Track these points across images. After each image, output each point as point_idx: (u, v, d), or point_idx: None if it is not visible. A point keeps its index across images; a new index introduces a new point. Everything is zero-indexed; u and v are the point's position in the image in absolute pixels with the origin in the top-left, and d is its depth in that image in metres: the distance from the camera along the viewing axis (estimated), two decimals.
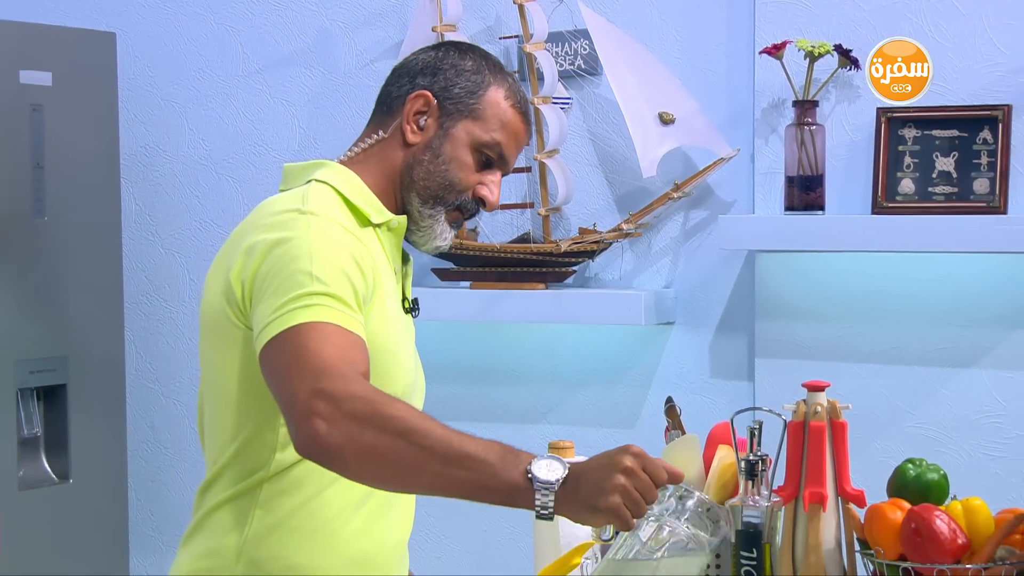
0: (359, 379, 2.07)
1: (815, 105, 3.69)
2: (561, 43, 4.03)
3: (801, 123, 3.68)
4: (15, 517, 4.08)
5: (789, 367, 3.75)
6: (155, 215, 4.57)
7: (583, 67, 4.04)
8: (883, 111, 3.67)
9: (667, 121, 3.87)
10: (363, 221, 2.33)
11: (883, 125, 3.67)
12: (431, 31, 4.01)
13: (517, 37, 4.04)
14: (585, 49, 4.02)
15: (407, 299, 2.43)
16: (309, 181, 2.35)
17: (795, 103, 3.70)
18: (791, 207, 3.71)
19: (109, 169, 4.37)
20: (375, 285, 2.26)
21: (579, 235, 3.99)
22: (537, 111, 3.90)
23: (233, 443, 2.29)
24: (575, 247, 3.95)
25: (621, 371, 4.02)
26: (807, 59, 3.66)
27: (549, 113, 3.90)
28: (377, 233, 2.35)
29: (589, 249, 3.96)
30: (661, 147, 3.86)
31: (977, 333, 3.64)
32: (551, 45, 4.00)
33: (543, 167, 3.97)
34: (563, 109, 3.98)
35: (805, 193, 3.69)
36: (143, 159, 4.57)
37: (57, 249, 4.19)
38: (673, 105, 3.88)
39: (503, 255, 4.00)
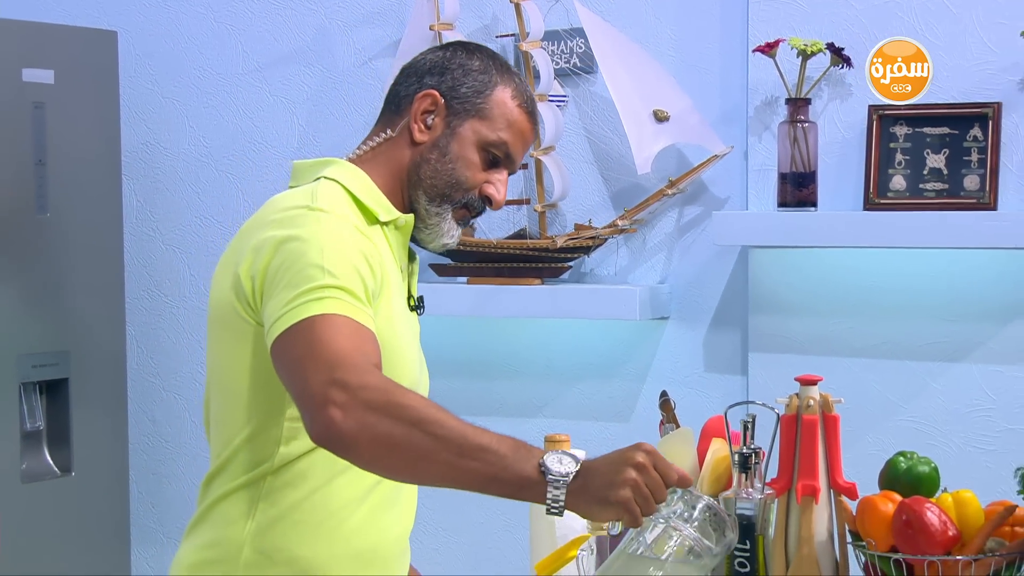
0: (373, 370, 2.08)
1: (808, 103, 3.69)
2: (557, 41, 4.03)
3: (794, 120, 3.68)
4: (18, 510, 4.08)
5: (782, 361, 3.75)
6: (156, 212, 4.57)
7: (579, 65, 4.04)
8: (875, 108, 3.67)
9: (662, 118, 3.87)
10: (371, 219, 2.33)
11: (875, 122, 3.67)
12: (429, 29, 4.01)
13: (513, 35, 4.04)
14: (581, 47, 4.02)
15: (412, 297, 2.43)
16: (318, 178, 2.35)
17: (788, 101, 3.70)
18: (784, 203, 3.71)
19: (110, 166, 4.36)
20: (382, 282, 2.26)
21: (575, 231, 3.99)
22: None
23: (238, 436, 2.29)
24: (571, 243, 3.94)
25: (616, 365, 4.02)
26: (800, 57, 3.66)
27: (545, 111, 3.90)
28: (384, 231, 2.35)
29: (585, 245, 3.96)
30: (656, 144, 3.86)
31: (968, 328, 3.64)
32: (547, 43, 4.00)
33: (539, 164, 3.97)
34: (559, 107, 3.98)
35: (798, 189, 3.69)
36: (144, 156, 4.56)
37: (59, 245, 4.19)
38: (668, 102, 3.88)
39: (500, 251, 4.00)
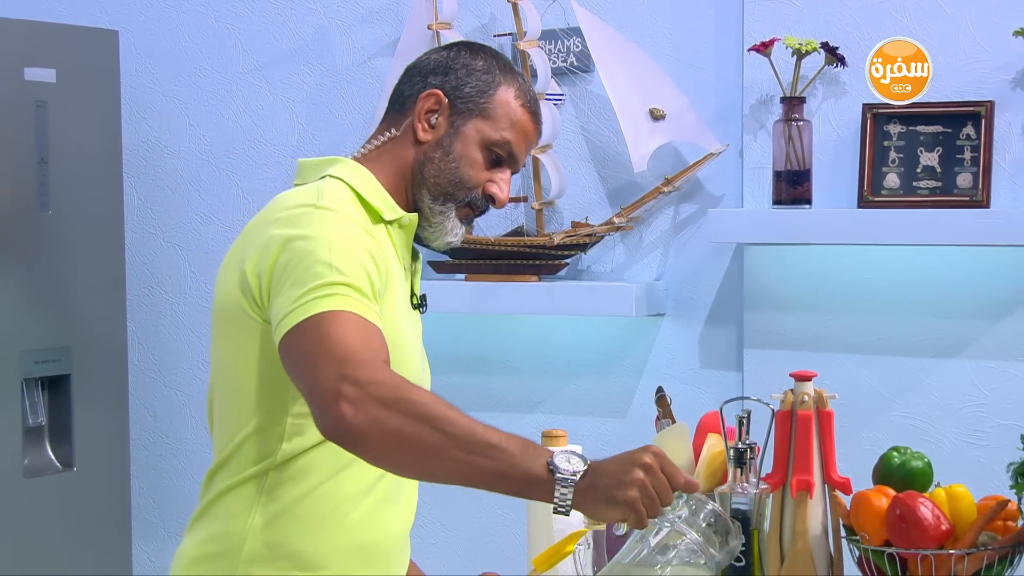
0: (383, 366, 2.08)
1: (802, 101, 3.69)
2: (554, 41, 4.03)
3: (789, 119, 3.68)
4: (20, 504, 4.08)
5: (777, 357, 3.75)
6: (157, 209, 4.57)
7: (576, 64, 4.04)
8: (869, 107, 3.67)
9: (658, 117, 3.87)
10: (375, 218, 2.33)
11: (869, 121, 3.67)
12: (427, 29, 4.01)
13: (511, 35, 4.03)
14: (578, 47, 4.02)
15: (415, 295, 2.43)
16: (324, 177, 2.35)
17: (783, 99, 3.70)
18: (779, 201, 3.71)
19: (112, 164, 4.36)
20: (387, 281, 2.26)
21: (572, 228, 3.99)
22: None
23: (242, 431, 2.29)
24: (568, 240, 3.94)
25: (613, 361, 4.02)
26: (794, 56, 3.66)
27: (542, 109, 3.89)
28: (388, 230, 2.35)
29: (581, 242, 3.96)
30: (652, 142, 3.86)
31: (960, 324, 3.64)
32: (544, 43, 4.00)
33: (536, 162, 3.97)
34: (556, 105, 3.98)
35: (793, 187, 3.69)
36: (145, 154, 4.56)
37: (61, 242, 4.19)
38: (664, 101, 3.88)
39: (497, 248, 4.00)
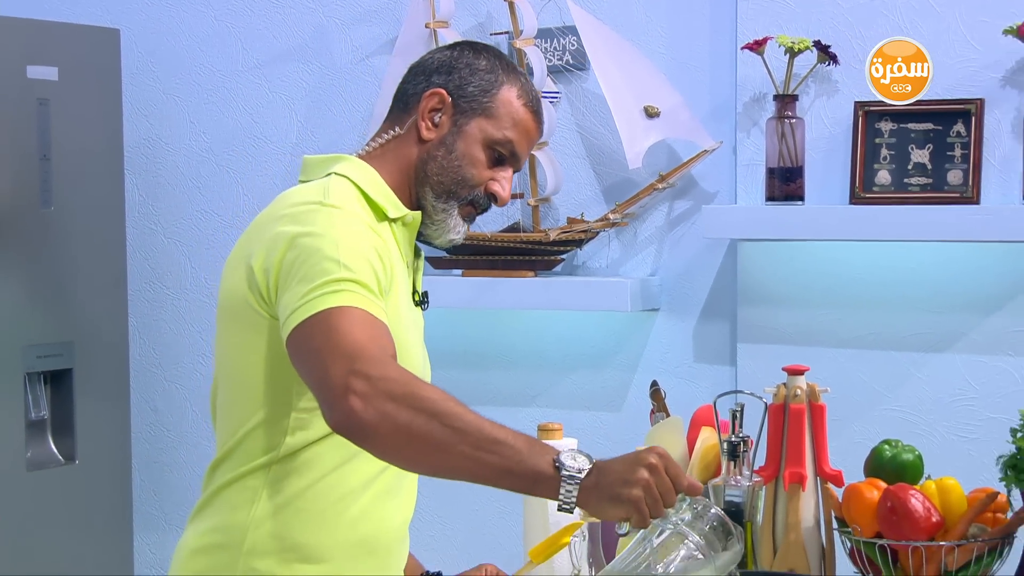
0: (391, 361, 2.08)
1: (795, 99, 3.69)
2: (550, 39, 4.03)
3: (781, 116, 3.68)
4: (23, 497, 4.08)
5: (770, 352, 3.75)
6: (158, 205, 4.57)
7: (571, 62, 4.03)
8: (860, 105, 3.67)
9: (652, 114, 3.87)
10: (380, 215, 2.33)
11: (860, 118, 3.67)
12: (424, 27, 4.01)
13: (507, 33, 4.03)
14: (573, 45, 4.01)
15: (417, 292, 2.43)
16: (329, 174, 2.35)
17: (776, 97, 3.70)
18: (772, 197, 3.71)
19: (113, 161, 4.36)
20: (391, 278, 2.26)
21: (567, 224, 3.98)
22: None
23: (246, 425, 2.29)
24: (563, 236, 3.94)
25: (608, 356, 4.03)
26: (787, 55, 3.66)
27: None
28: (392, 227, 2.35)
29: (577, 238, 3.96)
30: (646, 139, 3.86)
31: (951, 319, 3.65)
32: (540, 41, 4.00)
33: (532, 159, 3.97)
34: (552, 103, 3.97)
35: (785, 184, 3.69)
36: (146, 151, 4.56)
37: (63, 239, 4.19)
38: (658, 99, 3.88)
39: (494, 244, 4.00)
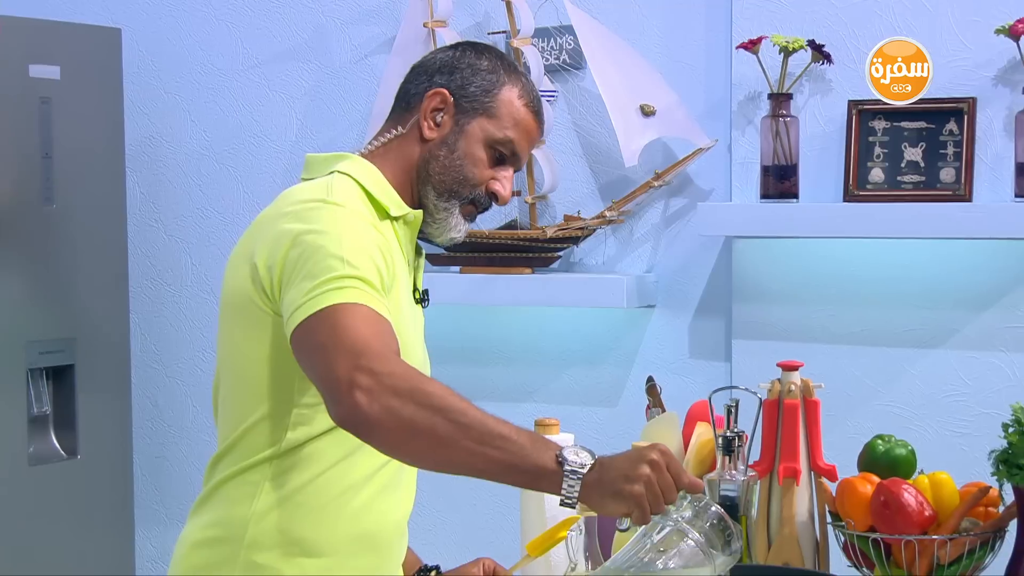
0: (396, 357, 2.08)
1: (789, 98, 3.69)
2: (547, 38, 4.03)
3: (776, 115, 3.68)
4: (25, 491, 4.08)
5: (764, 348, 3.75)
6: (158, 203, 4.57)
7: (568, 61, 4.04)
8: (854, 103, 3.67)
9: (648, 113, 3.87)
10: (382, 214, 2.33)
11: (854, 117, 3.67)
12: (422, 27, 4.01)
13: (505, 33, 4.03)
14: (570, 44, 4.02)
15: (418, 290, 2.44)
16: (332, 172, 2.34)
17: (770, 96, 3.70)
18: (766, 195, 3.71)
19: (114, 159, 4.36)
20: (393, 276, 2.27)
21: (564, 222, 3.99)
22: None
23: (248, 420, 2.29)
24: (560, 233, 3.95)
25: (604, 352, 4.03)
26: (782, 54, 3.66)
27: None
28: (394, 226, 2.35)
29: (574, 235, 3.96)
30: (642, 138, 3.86)
31: (943, 315, 3.65)
32: (537, 40, 4.00)
33: (529, 157, 3.96)
34: (549, 102, 3.97)
35: (780, 182, 3.69)
36: (147, 149, 4.56)
37: (65, 236, 4.19)
38: (654, 98, 3.88)
39: (492, 241, 4.00)
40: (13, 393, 4.06)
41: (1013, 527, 2.49)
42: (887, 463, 2.57)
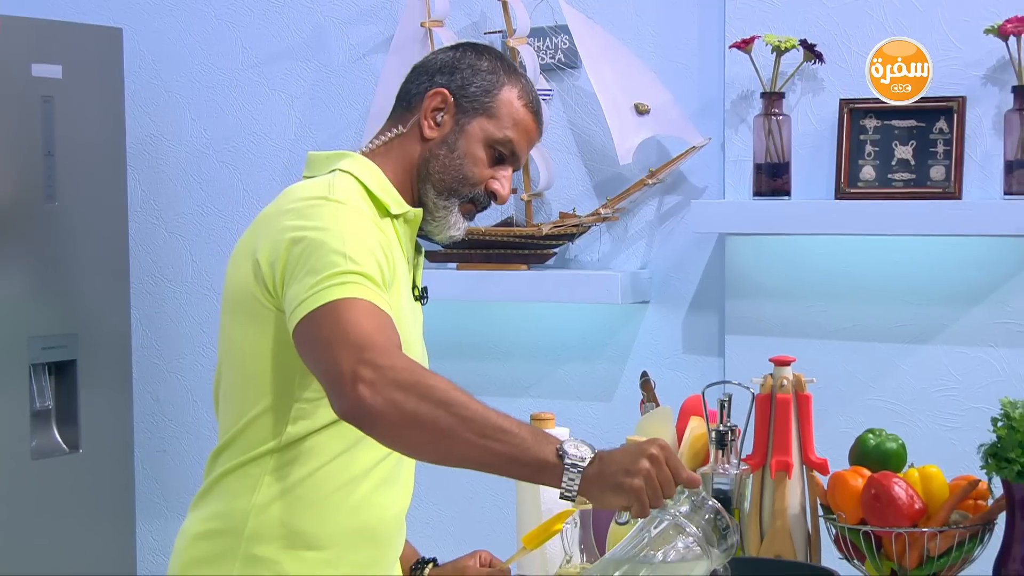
0: (399, 351, 2.09)
1: (782, 96, 3.69)
2: (542, 38, 4.03)
3: (769, 113, 3.68)
4: (28, 485, 4.08)
5: (757, 343, 3.76)
6: (159, 201, 4.57)
7: (563, 61, 4.04)
8: (845, 102, 3.67)
9: (642, 111, 3.87)
10: (383, 212, 2.33)
11: (845, 115, 3.68)
12: (420, 26, 4.01)
13: (501, 32, 4.03)
14: (565, 44, 4.02)
15: (417, 287, 2.44)
16: (333, 170, 2.35)
17: (763, 95, 3.70)
18: (759, 192, 3.71)
19: (116, 157, 4.36)
20: (393, 273, 2.27)
21: (560, 219, 3.99)
22: None
23: (248, 414, 2.29)
24: (556, 230, 3.95)
25: (599, 347, 4.03)
26: (774, 53, 3.66)
27: None
28: (394, 224, 2.35)
29: (569, 232, 3.96)
30: (637, 136, 3.86)
31: (933, 311, 3.65)
32: (533, 40, 4.00)
33: None
34: (544, 100, 3.98)
35: (772, 179, 3.69)
36: (148, 148, 4.56)
37: (67, 233, 4.19)
38: (648, 96, 3.88)
39: (488, 238, 4.00)
40: (16, 388, 4.06)
41: (1002, 520, 2.50)
42: (878, 457, 2.58)
